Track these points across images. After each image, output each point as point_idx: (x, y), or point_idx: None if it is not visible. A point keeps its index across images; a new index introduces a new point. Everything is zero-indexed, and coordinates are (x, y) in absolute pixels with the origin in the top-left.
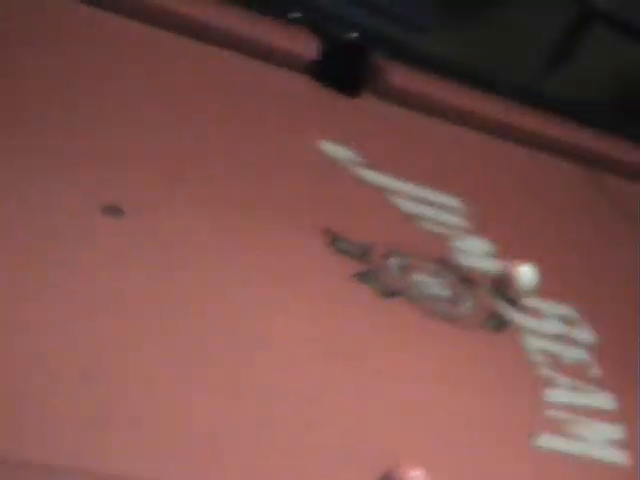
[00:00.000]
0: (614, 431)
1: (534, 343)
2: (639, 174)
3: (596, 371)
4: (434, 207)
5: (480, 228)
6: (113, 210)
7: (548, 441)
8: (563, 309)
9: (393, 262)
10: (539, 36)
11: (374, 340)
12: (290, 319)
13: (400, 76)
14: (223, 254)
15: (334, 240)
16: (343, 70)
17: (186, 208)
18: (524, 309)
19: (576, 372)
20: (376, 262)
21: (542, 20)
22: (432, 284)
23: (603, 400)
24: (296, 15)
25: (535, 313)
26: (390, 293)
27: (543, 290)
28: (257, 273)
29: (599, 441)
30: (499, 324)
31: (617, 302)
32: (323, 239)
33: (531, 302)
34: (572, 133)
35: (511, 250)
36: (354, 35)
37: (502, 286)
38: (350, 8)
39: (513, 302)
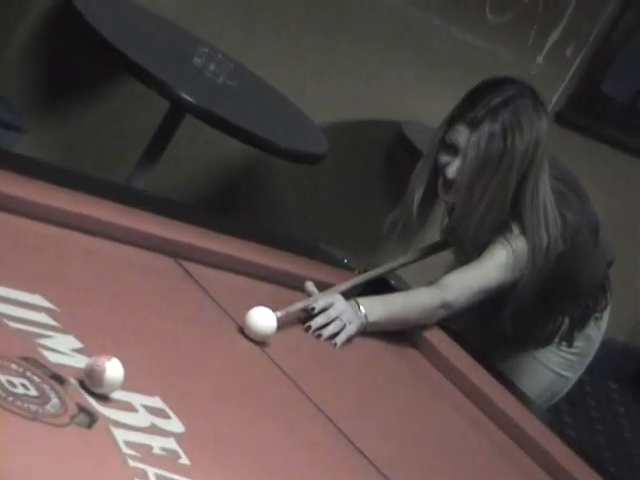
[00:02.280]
0: None
1: (124, 436)
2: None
3: (184, 460)
4: (18, 305)
5: (65, 324)
6: None
7: None
8: (150, 400)
9: None
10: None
11: None
12: None
13: None
14: None
15: None
16: None
17: None
18: (113, 403)
19: (166, 462)
20: None
21: (139, 114)
22: (18, 383)
23: None
24: None
25: (123, 406)
26: None
27: (131, 383)
28: None
29: None
30: (89, 420)
31: (203, 395)
32: None
33: (119, 395)
34: (161, 227)
35: (97, 345)
36: None
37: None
38: None
39: (102, 397)
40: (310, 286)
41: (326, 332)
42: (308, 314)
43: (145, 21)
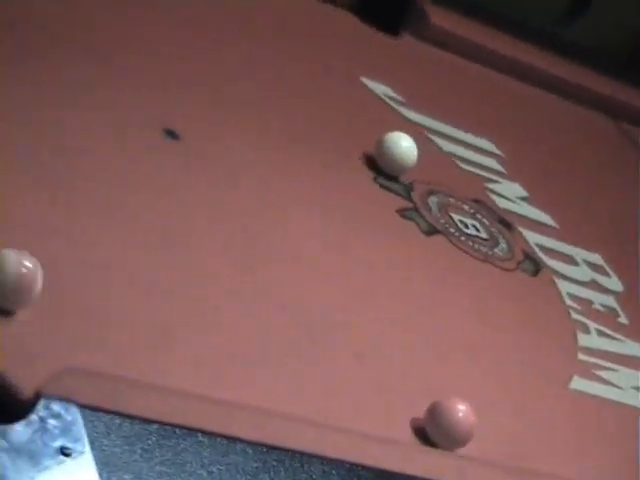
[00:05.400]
0: None
1: (567, 288)
2: None
3: (623, 319)
4: (469, 149)
5: (512, 172)
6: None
7: (581, 384)
8: (591, 256)
9: (434, 200)
10: None
11: (417, 275)
12: (335, 250)
13: (439, 18)
14: (270, 182)
15: (376, 176)
16: (384, 7)
17: (234, 136)
18: (555, 254)
19: (606, 319)
20: (417, 200)
21: None
22: (470, 224)
23: (631, 348)
24: None
25: (566, 259)
26: (432, 230)
27: (572, 237)
28: (303, 204)
29: (629, 387)
30: (535, 268)
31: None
32: (367, 174)
33: (562, 247)
34: (592, 80)
35: (540, 196)
36: None
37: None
38: None
39: (545, 248)
40: None
41: None
42: None
43: None
